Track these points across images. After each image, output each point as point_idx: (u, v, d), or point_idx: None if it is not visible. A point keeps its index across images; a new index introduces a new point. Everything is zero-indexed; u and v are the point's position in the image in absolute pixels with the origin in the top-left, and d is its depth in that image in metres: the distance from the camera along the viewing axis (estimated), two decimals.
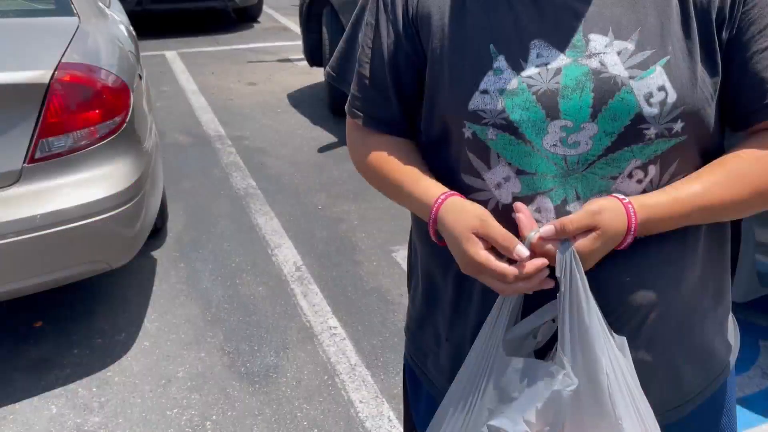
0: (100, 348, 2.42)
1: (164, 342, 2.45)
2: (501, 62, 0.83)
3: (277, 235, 3.21)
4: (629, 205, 0.80)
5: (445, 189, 0.88)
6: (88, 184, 2.19)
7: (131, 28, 3.41)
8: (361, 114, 0.97)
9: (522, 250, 0.80)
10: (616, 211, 0.80)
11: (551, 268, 0.81)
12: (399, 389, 2.21)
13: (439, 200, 0.87)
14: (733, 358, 0.99)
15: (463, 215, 0.84)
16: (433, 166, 0.94)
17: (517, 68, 0.82)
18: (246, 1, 7.85)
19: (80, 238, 2.17)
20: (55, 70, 2.13)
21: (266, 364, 2.33)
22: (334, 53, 1.03)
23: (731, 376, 0.99)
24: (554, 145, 0.82)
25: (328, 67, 1.04)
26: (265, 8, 8.84)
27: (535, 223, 0.82)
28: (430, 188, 0.89)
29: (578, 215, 0.80)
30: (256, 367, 2.32)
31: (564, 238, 0.80)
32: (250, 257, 3.02)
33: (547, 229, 0.80)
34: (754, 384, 2.18)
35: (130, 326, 2.54)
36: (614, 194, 0.82)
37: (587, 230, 0.80)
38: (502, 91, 0.82)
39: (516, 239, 0.81)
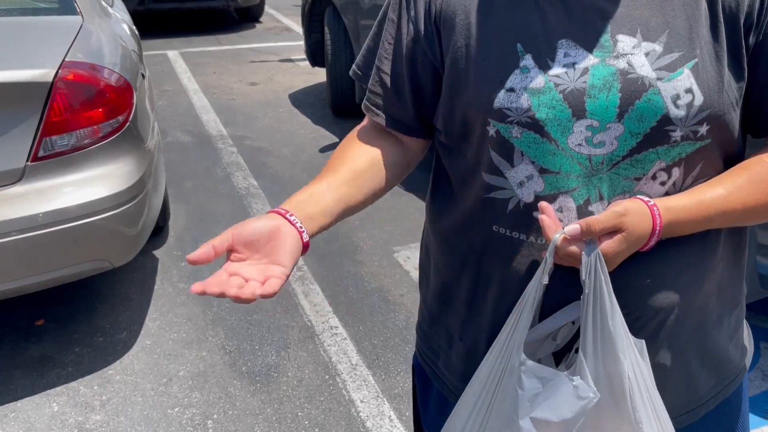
0: (102, 346, 2.42)
1: (165, 341, 2.46)
2: (528, 61, 0.83)
3: None
4: (654, 208, 0.80)
5: (285, 207, 0.84)
6: (91, 183, 2.19)
7: (134, 27, 3.41)
8: (375, 109, 0.97)
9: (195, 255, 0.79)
10: (641, 213, 0.79)
11: (576, 270, 0.81)
12: (400, 389, 2.21)
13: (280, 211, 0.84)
14: (747, 362, 0.98)
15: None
16: (453, 165, 0.94)
17: (544, 67, 0.82)
18: (248, 1, 7.86)
19: (82, 237, 2.17)
20: (59, 68, 2.13)
21: (267, 364, 2.34)
22: (361, 50, 1.03)
23: (745, 379, 0.99)
24: (579, 144, 0.81)
25: (354, 65, 1.04)
26: (267, 8, 8.85)
27: (560, 224, 0.82)
28: (295, 196, 0.88)
29: (604, 216, 0.79)
30: (257, 366, 2.33)
31: (589, 238, 0.79)
32: None
33: (573, 228, 0.79)
34: (755, 386, 2.18)
35: (131, 325, 2.54)
36: (639, 196, 0.82)
37: (612, 232, 0.79)
38: (528, 90, 0.82)
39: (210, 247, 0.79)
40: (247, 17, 8.35)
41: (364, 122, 1.01)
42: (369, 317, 2.59)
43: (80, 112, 2.16)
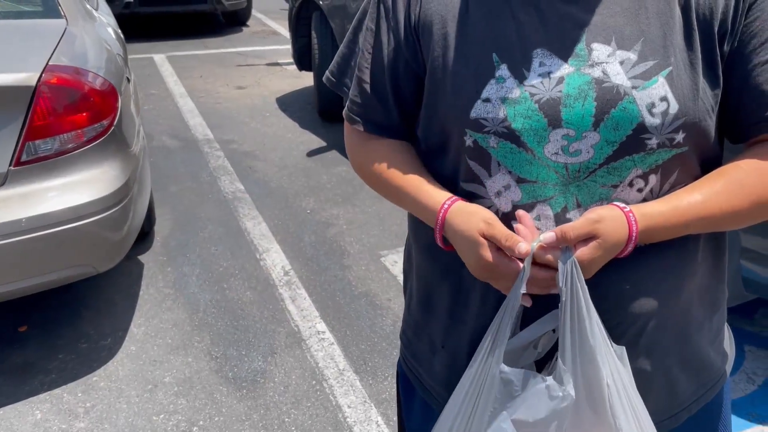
0: (86, 353, 2.40)
1: (151, 347, 2.44)
2: (503, 71, 0.83)
3: (265, 240, 3.20)
4: (630, 214, 0.80)
5: (449, 194, 0.89)
6: (75, 188, 2.17)
7: (119, 30, 3.39)
8: (360, 119, 0.97)
9: (522, 247, 0.79)
10: (616, 219, 0.80)
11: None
12: (387, 394, 2.21)
13: (446, 205, 0.87)
14: (728, 367, 0.99)
15: (469, 218, 0.84)
16: (432, 174, 0.94)
17: (520, 77, 0.82)
18: (235, 5, 7.84)
19: (66, 242, 2.15)
20: (42, 72, 2.11)
21: (254, 369, 2.32)
22: (335, 57, 1.03)
23: (727, 384, 1.00)
24: (555, 153, 0.82)
25: (327, 72, 1.04)
26: (254, 12, 8.83)
27: (537, 232, 0.82)
28: (434, 194, 0.89)
29: (579, 223, 0.80)
30: (243, 372, 2.31)
31: (564, 246, 0.79)
32: (238, 261, 3.01)
33: (548, 236, 0.79)
34: (740, 389, 2.19)
35: (116, 331, 2.52)
36: (615, 203, 0.82)
37: (587, 238, 0.79)
38: (504, 100, 0.82)
39: (518, 237, 0.81)
40: (234, 21, 8.34)
41: (372, 143, 0.99)
42: (356, 322, 2.58)
43: (64, 117, 2.14)
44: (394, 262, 2.98)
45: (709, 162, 0.87)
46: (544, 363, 0.87)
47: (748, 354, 2.35)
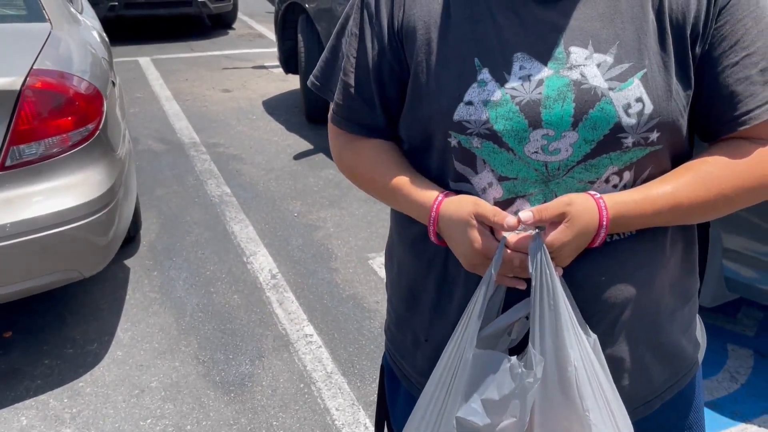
0: (72, 358, 2.39)
1: (137, 351, 2.43)
2: (485, 75, 0.86)
3: (252, 243, 3.20)
4: (600, 200, 0.84)
5: (440, 189, 0.92)
6: (60, 192, 2.16)
7: (104, 34, 3.38)
8: (346, 122, 1.00)
9: (510, 219, 0.84)
10: (586, 204, 0.84)
11: (528, 280, 0.84)
12: (375, 396, 2.21)
13: (439, 199, 0.90)
14: (700, 355, 1.03)
15: (459, 204, 0.88)
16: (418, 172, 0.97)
17: (501, 80, 0.85)
18: (221, 8, 7.82)
19: (52, 247, 2.13)
20: (27, 76, 2.10)
21: (241, 373, 2.32)
22: (318, 62, 1.06)
23: (699, 373, 1.04)
24: (535, 152, 0.85)
25: (311, 76, 1.07)
26: (240, 15, 8.81)
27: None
28: (426, 190, 0.92)
29: (552, 204, 0.84)
30: (231, 376, 2.31)
31: (535, 233, 0.83)
32: (225, 265, 3.00)
33: (526, 214, 0.83)
34: (723, 388, 2.22)
35: (102, 336, 2.51)
36: (587, 191, 0.86)
37: (558, 222, 0.83)
38: (486, 103, 0.85)
39: (505, 213, 0.85)
40: (220, 24, 8.31)
41: (359, 144, 1.01)
42: (344, 325, 2.59)
43: (49, 121, 2.13)
44: (382, 265, 2.99)
45: (680, 159, 0.91)
46: (519, 351, 0.90)
47: (731, 353, 2.38)
